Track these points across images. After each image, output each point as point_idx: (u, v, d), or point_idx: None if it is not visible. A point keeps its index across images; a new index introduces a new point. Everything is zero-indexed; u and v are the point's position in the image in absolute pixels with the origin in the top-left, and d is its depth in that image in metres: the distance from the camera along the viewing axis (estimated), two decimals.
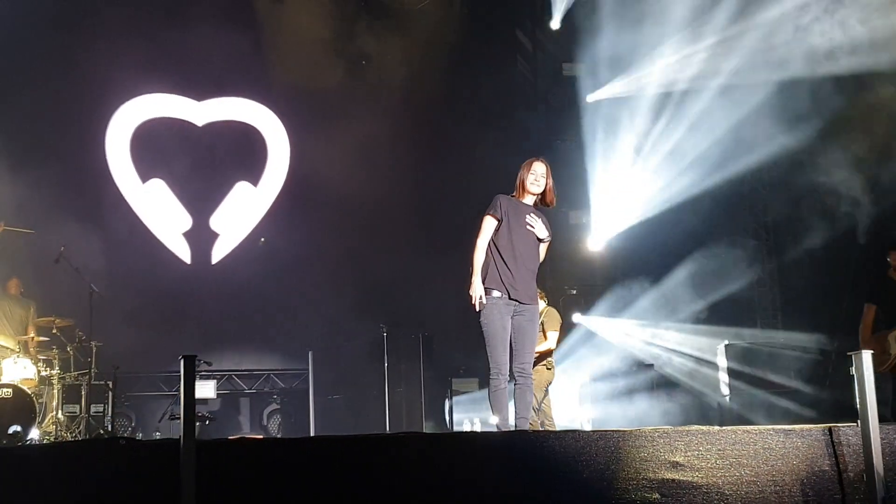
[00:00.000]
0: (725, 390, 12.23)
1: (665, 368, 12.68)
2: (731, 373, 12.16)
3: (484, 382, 9.44)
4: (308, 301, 12.93)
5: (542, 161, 7.24)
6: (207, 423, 11.01)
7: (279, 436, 12.54)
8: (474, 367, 12.34)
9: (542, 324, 9.52)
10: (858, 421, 5.72)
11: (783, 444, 5.79)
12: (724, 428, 5.99)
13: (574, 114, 13.69)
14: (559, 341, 10.03)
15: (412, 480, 5.65)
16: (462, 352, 11.77)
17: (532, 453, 5.83)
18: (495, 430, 7.10)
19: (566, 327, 11.20)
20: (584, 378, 12.85)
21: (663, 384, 12.35)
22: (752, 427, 6.02)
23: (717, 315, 12.96)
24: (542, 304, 9.85)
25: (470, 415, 12.25)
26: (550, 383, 9.89)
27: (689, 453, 5.70)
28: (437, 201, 13.47)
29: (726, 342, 12.36)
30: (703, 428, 5.97)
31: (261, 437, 12.04)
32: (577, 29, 13.24)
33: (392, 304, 12.72)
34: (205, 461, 5.35)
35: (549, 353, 9.83)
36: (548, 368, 9.86)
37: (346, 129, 13.03)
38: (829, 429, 5.88)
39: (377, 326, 12.28)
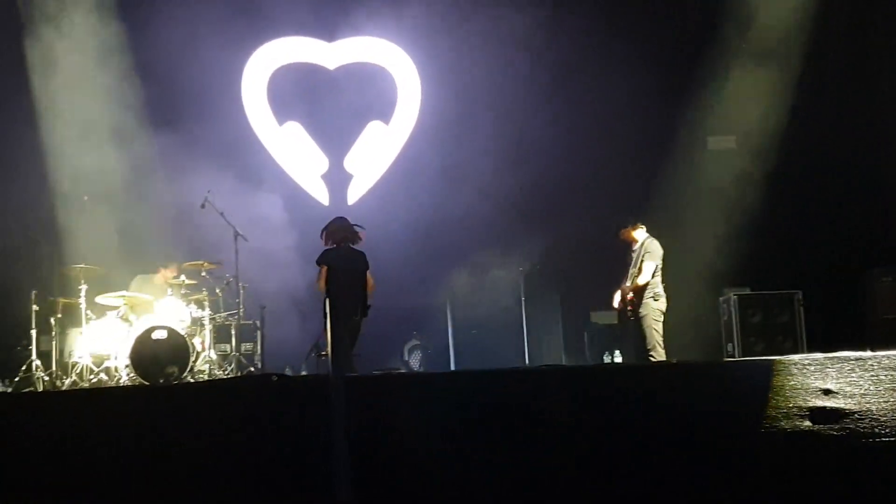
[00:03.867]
0: None
1: None
2: None
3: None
4: (445, 240, 12.95)
5: None
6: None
7: (421, 370, 12.73)
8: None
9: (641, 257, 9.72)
10: None
11: None
12: (876, 353, 5.81)
13: None
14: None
15: (553, 412, 5.68)
16: (601, 285, 11.59)
17: (676, 385, 5.79)
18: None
19: None
20: None
21: None
22: None
23: None
24: (642, 235, 9.80)
25: (609, 347, 12.17)
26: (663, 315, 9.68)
27: (840, 380, 5.57)
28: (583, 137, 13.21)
29: None
30: (855, 354, 5.81)
31: (403, 371, 12.27)
32: None
33: (530, 239, 12.62)
34: (352, 395, 5.50)
35: (645, 286, 9.65)
36: (655, 300, 9.70)
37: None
38: None
39: (515, 263, 12.29)
